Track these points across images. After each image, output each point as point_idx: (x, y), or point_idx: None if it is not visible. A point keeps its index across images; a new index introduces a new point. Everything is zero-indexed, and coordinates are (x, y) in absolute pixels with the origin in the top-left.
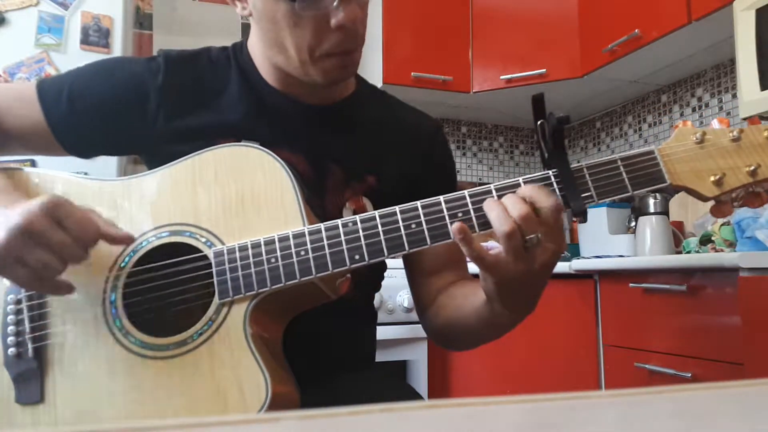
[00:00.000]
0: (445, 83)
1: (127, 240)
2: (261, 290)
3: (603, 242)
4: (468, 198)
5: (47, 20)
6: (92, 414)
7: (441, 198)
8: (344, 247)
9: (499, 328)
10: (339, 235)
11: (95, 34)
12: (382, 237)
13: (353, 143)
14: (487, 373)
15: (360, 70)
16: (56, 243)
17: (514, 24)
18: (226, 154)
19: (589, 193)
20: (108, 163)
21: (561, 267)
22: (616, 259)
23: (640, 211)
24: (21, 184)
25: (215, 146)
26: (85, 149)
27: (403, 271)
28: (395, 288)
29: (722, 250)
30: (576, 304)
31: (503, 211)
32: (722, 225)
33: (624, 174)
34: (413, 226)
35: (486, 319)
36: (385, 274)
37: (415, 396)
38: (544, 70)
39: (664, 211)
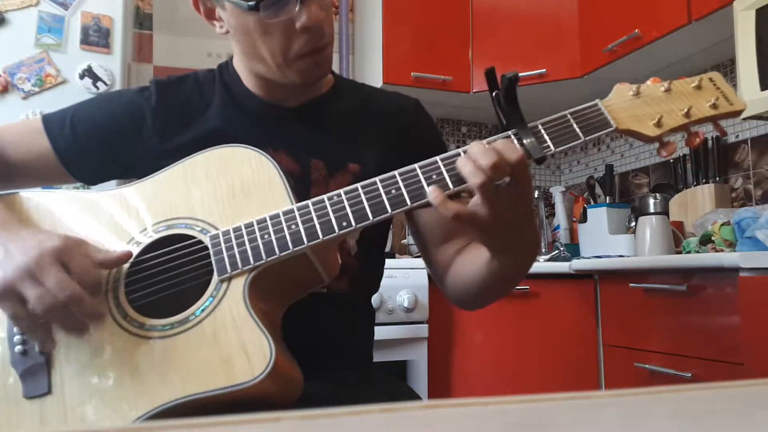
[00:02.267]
0: (445, 83)
1: (125, 257)
2: (257, 263)
3: (603, 242)
4: (440, 162)
5: (47, 20)
6: (100, 398)
7: (416, 165)
8: (332, 216)
9: (510, 279)
10: (326, 207)
11: (95, 34)
12: (365, 203)
13: (333, 136)
14: (487, 373)
15: (360, 70)
16: (59, 284)
17: (514, 24)
18: (215, 155)
19: (546, 144)
20: None
21: (561, 267)
22: (616, 259)
23: (640, 211)
24: (20, 208)
25: (204, 150)
26: (90, 176)
27: (403, 271)
28: (395, 288)
29: (722, 250)
30: (576, 304)
31: (474, 166)
32: (722, 225)
33: (574, 124)
34: (393, 191)
35: (495, 272)
36: (385, 274)
37: (414, 396)
38: (544, 70)
39: (664, 211)
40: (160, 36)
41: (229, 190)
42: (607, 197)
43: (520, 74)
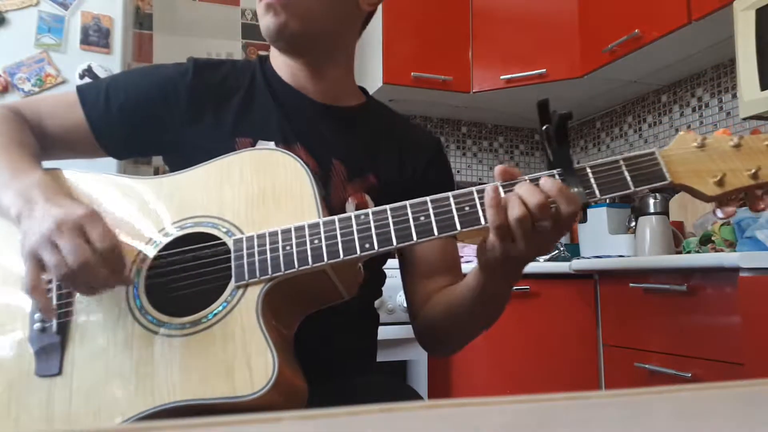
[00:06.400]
0: (445, 83)
1: (129, 282)
2: (275, 274)
3: (603, 242)
4: (475, 194)
5: (47, 20)
6: (104, 387)
7: (450, 194)
8: (356, 236)
9: (494, 301)
10: (351, 226)
11: (95, 34)
12: (392, 227)
13: (357, 144)
14: (487, 373)
15: (360, 70)
16: (72, 249)
17: (514, 24)
18: (253, 156)
19: (591, 190)
20: (109, 164)
21: (561, 267)
22: (616, 259)
23: (640, 211)
24: (59, 182)
25: (243, 150)
26: (120, 149)
27: None
28: (395, 288)
29: (722, 250)
30: (576, 304)
31: (517, 200)
32: (722, 225)
33: (626, 172)
34: (422, 218)
35: (480, 291)
36: (386, 274)
37: (415, 396)
38: (544, 70)
39: (664, 211)
40: (160, 36)
41: (261, 195)
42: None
43: (520, 74)
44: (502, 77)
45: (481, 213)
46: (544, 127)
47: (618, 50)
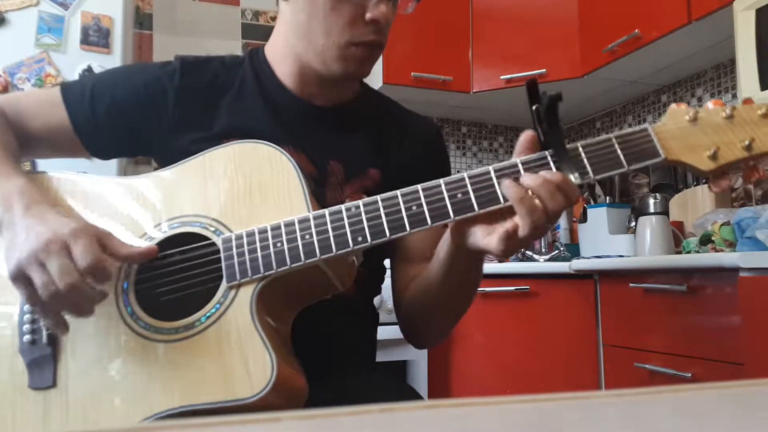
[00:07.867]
0: (445, 83)
1: (151, 253)
2: (267, 273)
3: (603, 242)
4: (467, 179)
5: (47, 20)
6: (101, 397)
7: (441, 180)
8: (347, 229)
9: (468, 278)
10: (342, 219)
11: (95, 34)
12: (384, 219)
13: (356, 140)
14: (487, 373)
15: None
16: (60, 272)
17: (514, 24)
18: (236, 150)
19: (585, 169)
20: (107, 165)
21: (561, 267)
22: (616, 259)
23: (640, 211)
24: (42, 187)
25: (226, 144)
26: (105, 150)
27: None
28: None
29: (722, 250)
30: (576, 304)
31: (537, 203)
32: (722, 225)
33: (619, 150)
34: (414, 207)
35: (456, 269)
36: (386, 275)
37: (415, 396)
38: (544, 70)
39: (664, 211)
40: (160, 36)
41: (247, 190)
42: (607, 197)
43: (520, 74)
44: (502, 77)
45: (474, 199)
46: (534, 107)
47: (618, 50)
